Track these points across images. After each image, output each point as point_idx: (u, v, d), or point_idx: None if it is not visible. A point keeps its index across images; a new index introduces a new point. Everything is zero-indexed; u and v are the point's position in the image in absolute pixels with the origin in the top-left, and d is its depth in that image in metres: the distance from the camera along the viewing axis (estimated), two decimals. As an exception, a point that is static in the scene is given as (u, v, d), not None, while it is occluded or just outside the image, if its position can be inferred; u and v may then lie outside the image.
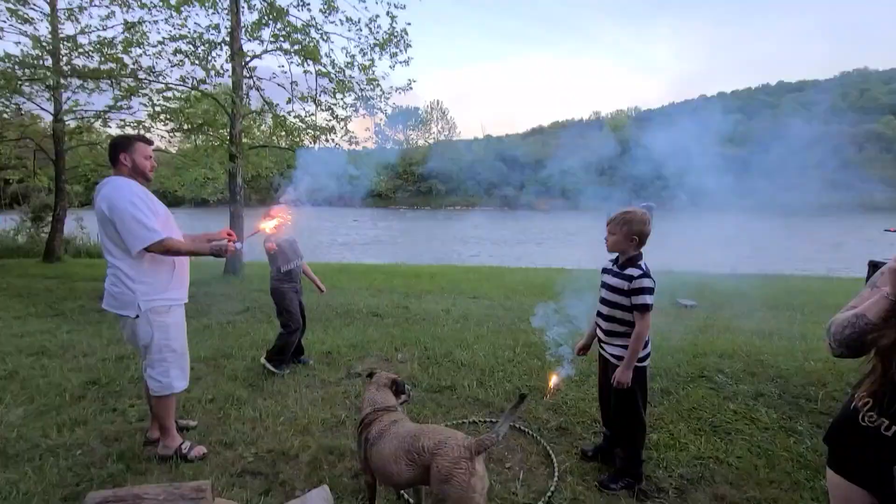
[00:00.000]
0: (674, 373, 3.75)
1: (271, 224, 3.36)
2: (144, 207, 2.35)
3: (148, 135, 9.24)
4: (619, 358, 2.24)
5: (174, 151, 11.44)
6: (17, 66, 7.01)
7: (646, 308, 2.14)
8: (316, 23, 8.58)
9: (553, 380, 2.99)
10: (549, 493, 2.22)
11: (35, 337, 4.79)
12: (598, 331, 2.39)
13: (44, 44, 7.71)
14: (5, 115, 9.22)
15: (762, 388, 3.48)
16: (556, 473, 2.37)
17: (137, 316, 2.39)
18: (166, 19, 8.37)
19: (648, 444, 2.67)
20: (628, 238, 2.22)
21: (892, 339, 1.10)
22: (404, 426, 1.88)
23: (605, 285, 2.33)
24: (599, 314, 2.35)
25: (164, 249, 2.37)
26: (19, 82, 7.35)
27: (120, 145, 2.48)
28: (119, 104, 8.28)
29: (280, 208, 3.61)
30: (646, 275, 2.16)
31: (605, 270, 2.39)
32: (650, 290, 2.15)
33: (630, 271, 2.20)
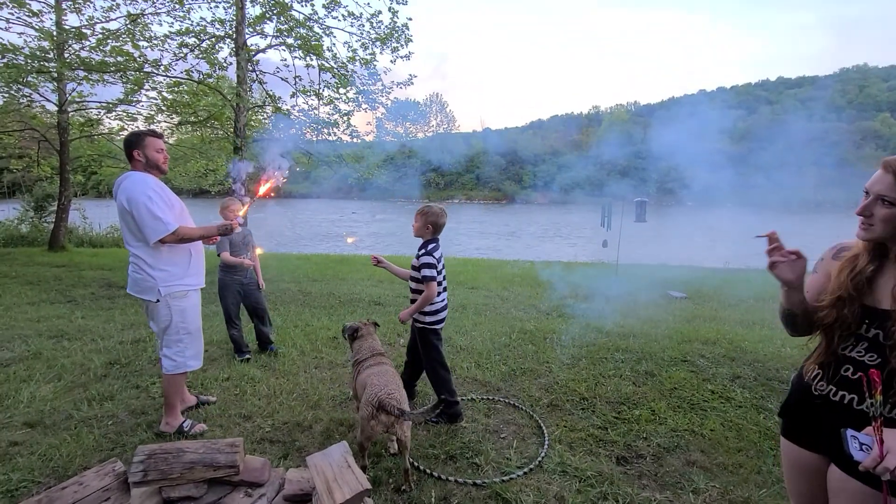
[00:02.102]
0: (658, 357, 4.00)
1: (265, 188, 3.21)
2: (160, 201, 2.49)
3: (152, 127, 9.38)
4: (418, 321, 2.88)
5: (172, 142, 11.57)
6: (28, 60, 7.13)
7: (425, 279, 2.72)
8: (318, 17, 8.71)
9: (349, 240, 3.49)
10: (539, 458, 2.47)
11: (52, 321, 5.01)
12: (410, 301, 2.92)
13: (53, 35, 7.80)
14: (13, 106, 9.32)
15: (740, 371, 3.74)
16: (547, 442, 2.63)
17: (158, 300, 2.57)
18: (169, 11, 8.49)
19: (630, 419, 2.93)
20: (425, 226, 2.81)
21: (832, 317, 1.29)
22: (379, 368, 2.47)
23: (412, 266, 2.88)
24: (410, 288, 2.93)
25: (178, 238, 2.52)
26: (27, 74, 7.48)
27: (132, 143, 2.59)
28: (130, 98, 8.40)
29: (231, 200, 3.75)
30: (427, 253, 2.75)
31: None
32: (429, 265, 2.73)
33: (420, 252, 2.80)
